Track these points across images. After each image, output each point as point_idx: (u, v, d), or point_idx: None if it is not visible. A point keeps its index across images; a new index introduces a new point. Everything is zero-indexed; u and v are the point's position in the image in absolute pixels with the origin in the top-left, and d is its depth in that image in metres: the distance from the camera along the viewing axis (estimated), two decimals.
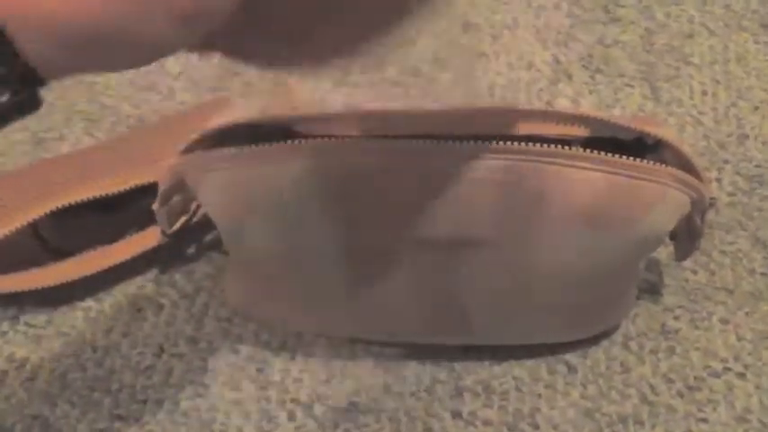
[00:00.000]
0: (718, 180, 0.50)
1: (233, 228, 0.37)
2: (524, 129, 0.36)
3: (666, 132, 0.37)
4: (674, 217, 0.37)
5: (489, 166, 0.34)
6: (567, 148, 0.35)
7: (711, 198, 0.37)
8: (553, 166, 0.34)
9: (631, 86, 0.54)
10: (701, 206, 0.37)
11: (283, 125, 0.37)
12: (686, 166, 0.36)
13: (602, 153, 0.35)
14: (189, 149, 0.37)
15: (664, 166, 0.36)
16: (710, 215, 0.39)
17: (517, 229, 0.36)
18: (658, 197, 0.35)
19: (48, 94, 0.60)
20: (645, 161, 0.35)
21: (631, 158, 0.35)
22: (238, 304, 0.43)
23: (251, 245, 0.38)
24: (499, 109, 0.36)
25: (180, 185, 0.37)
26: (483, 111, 0.36)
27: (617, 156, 0.35)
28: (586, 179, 0.35)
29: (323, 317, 0.42)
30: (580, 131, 0.37)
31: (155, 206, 0.37)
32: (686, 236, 0.38)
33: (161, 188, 0.37)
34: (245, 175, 0.35)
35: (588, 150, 0.34)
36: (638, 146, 0.37)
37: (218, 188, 0.36)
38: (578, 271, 0.38)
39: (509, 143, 0.34)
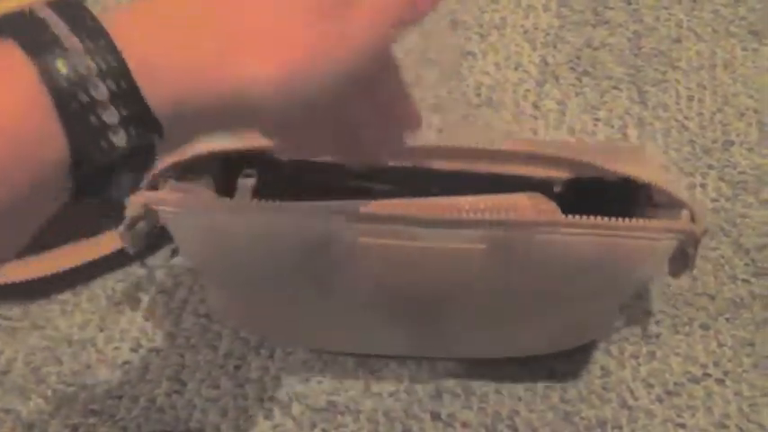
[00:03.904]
0: (703, 186, 0.50)
1: (201, 266, 0.36)
2: (507, 168, 0.36)
3: (653, 173, 0.36)
4: (663, 261, 0.36)
5: (472, 236, 0.33)
6: (555, 210, 0.34)
7: (704, 229, 0.36)
8: (541, 236, 0.33)
9: (618, 89, 0.54)
10: (692, 240, 0.36)
11: (259, 153, 0.36)
12: (677, 203, 0.36)
13: (590, 217, 0.33)
14: (162, 174, 0.36)
15: (651, 220, 0.34)
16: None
17: (503, 289, 0.36)
18: (648, 252, 0.35)
19: None
20: (632, 219, 0.34)
21: (618, 219, 0.34)
22: (217, 315, 0.43)
23: (221, 280, 0.37)
24: (482, 148, 0.36)
25: (147, 215, 0.36)
26: (466, 150, 0.35)
27: (605, 219, 0.34)
28: (575, 244, 0.34)
29: (300, 335, 0.42)
30: (564, 174, 0.36)
31: (120, 229, 0.37)
32: (680, 260, 0.38)
33: (128, 215, 0.36)
34: (215, 225, 0.34)
35: (576, 216, 0.33)
36: (626, 184, 0.36)
37: (187, 231, 0.35)
38: (562, 310, 0.38)
39: (495, 215, 0.33)
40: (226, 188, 0.37)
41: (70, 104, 0.20)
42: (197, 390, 0.42)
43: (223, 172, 0.38)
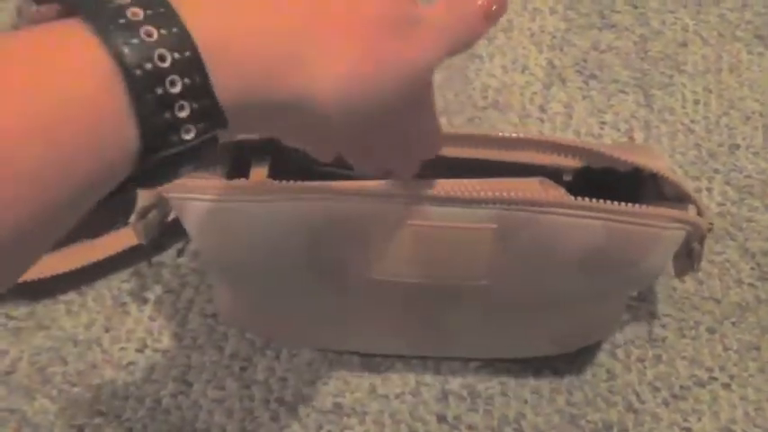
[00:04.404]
0: (708, 190, 0.50)
1: (214, 253, 0.36)
2: (516, 156, 0.36)
3: (661, 164, 0.36)
4: (670, 253, 0.36)
5: (483, 215, 0.34)
6: (564, 195, 0.34)
7: (710, 224, 0.37)
8: (550, 216, 0.33)
9: (625, 93, 0.54)
10: (698, 234, 0.36)
11: (269, 142, 0.36)
12: (684, 196, 0.36)
13: (600, 201, 0.34)
14: None
15: (660, 208, 0.35)
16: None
17: (510, 275, 0.36)
18: (656, 240, 0.35)
19: None
20: (642, 206, 0.34)
21: (628, 205, 0.34)
22: (224, 315, 0.43)
23: (231, 270, 0.37)
24: (492, 135, 0.36)
25: (159, 203, 0.36)
26: (476, 137, 0.35)
27: (614, 203, 0.34)
28: (583, 228, 0.34)
29: (308, 334, 0.41)
30: (574, 162, 0.36)
31: (131, 220, 0.37)
32: (685, 258, 0.38)
33: (139, 204, 0.36)
34: (228, 207, 0.34)
35: (585, 199, 0.34)
36: (635, 176, 0.37)
37: (200, 216, 0.35)
38: (570, 303, 0.38)
39: (505, 194, 0.33)
40: (238, 177, 0.37)
41: (144, 97, 0.19)
42: (203, 391, 0.42)
43: (234, 163, 0.38)
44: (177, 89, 0.20)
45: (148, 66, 0.19)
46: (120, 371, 0.42)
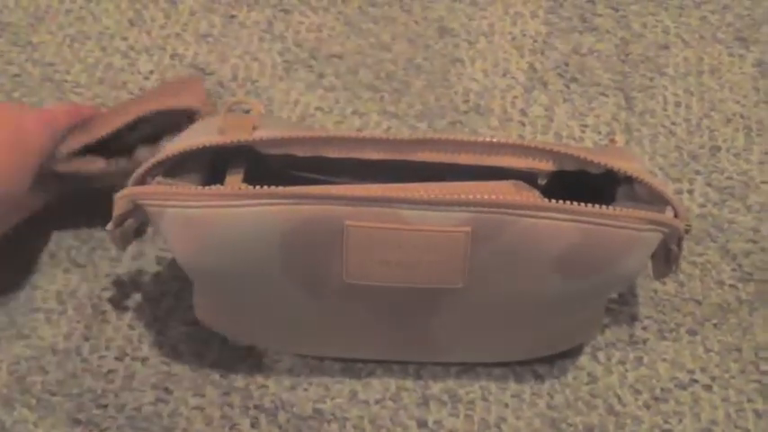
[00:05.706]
0: (690, 191, 0.50)
1: (191, 260, 0.36)
2: (490, 160, 0.36)
3: (636, 167, 0.36)
4: (647, 256, 0.36)
5: (457, 218, 0.34)
6: (538, 198, 0.34)
7: (687, 225, 0.37)
8: (524, 218, 0.34)
9: (606, 96, 0.54)
10: (675, 236, 0.36)
11: (245, 147, 0.36)
12: (659, 198, 0.36)
13: (574, 203, 0.34)
14: (149, 172, 0.36)
15: (635, 210, 0.35)
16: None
17: (487, 278, 0.36)
18: (631, 243, 0.35)
19: (16, 90, 0.58)
20: (616, 208, 0.34)
21: (603, 207, 0.34)
22: (205, 320, 0.43)
23: (209, 276, 0.37)
24: (466, 140, 0.36)
25: (135, 211, 0.36)
26: (448, 141, 0.35)
27: (588, 205, 0.34)
28: (557, 230, 0.34)
29: (288, 338, 0.41)
30: (548, 165, 0.36)
31: (108, 227, 0.37)
32: (663, 260, 0.38)
33: (116, 213, 0.36)
34: (203, 213, 0.34)
35: (560, 201, 0.34)
36: (609, 179, 0.37)
37: (175, 222, 0.35)
38: (548, 307, 0.38)
39: (479, 196, 0.33)
40: (214, 184, 0.37)
41: None
42: (183, 398, 0.42)
43: (211, 170, 0.38)
44: None
45: None
46: (100, 379, 0.42)
